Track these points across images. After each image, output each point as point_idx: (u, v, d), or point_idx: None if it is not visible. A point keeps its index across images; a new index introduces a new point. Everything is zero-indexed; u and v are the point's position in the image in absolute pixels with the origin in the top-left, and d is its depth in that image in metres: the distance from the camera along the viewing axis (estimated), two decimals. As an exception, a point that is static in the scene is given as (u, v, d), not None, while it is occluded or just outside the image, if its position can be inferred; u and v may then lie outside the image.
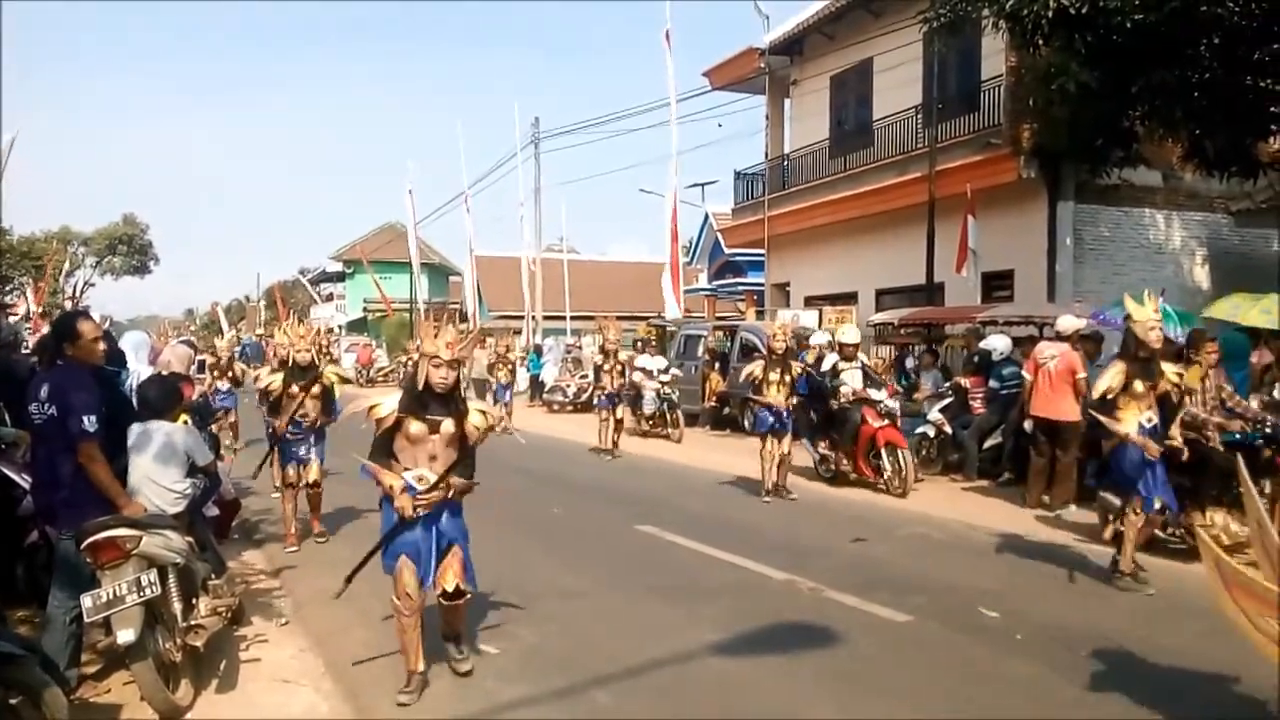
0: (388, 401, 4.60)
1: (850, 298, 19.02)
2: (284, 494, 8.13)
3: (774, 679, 4.99)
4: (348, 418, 5.43)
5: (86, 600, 4.17)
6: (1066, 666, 5.06)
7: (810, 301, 20.51)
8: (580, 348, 27.92)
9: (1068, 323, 9.75)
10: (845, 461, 10.77)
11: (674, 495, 10.73)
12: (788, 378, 10.14)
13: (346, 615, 6.08)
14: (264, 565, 7.46)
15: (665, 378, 16.29)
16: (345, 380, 9.05)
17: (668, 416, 16.23)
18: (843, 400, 10.46)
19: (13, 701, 3.58)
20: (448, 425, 4.57)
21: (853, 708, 4.57)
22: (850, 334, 10.83)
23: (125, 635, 4.16)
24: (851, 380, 10.53)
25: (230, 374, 13.92)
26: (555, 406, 22.76)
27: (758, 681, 4.95)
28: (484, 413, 4.80)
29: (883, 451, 10.30)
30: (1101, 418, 6.42)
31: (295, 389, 8.05)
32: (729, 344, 18.33)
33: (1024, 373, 9.71)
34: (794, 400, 10.15)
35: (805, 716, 4.52)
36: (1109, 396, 6.42)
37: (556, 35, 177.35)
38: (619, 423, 14.14)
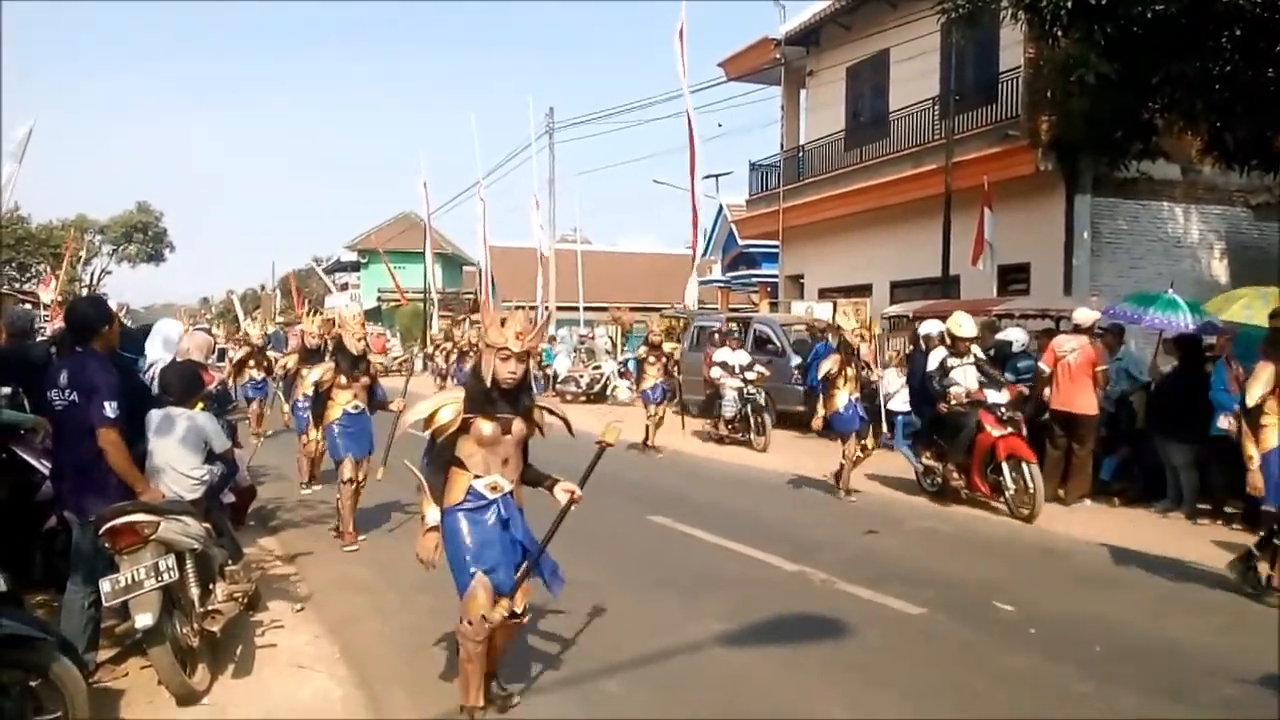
0: (449, 405, 4.03)
1: (865, 290, 18.96)
2: (342, 490, 7.72)
3: (784, 670, 4.99)
4: (404, 431, 4.75)
5: (105, 585, 4.21)
6: (1080, 661, 5.05)
7: (824, 294, 20.44)
8: (593, 338, 27.93)
9: (1085, 315, 9.69)
10: (957, 475, 9.24)
11: (689, 488, 10.74)
12: (859, 375, 9.72)
13: (361, 603, 6.14)
14: (280, 551, 7.52)
15: (751, 375, 14.14)
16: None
17: (751, 420, 14.05)
18: (954, 403, 9.02)
19: (32, 684, 3.62)
20: (519, 425, 4.08)
21: (863, 700, 4.57)
22: (966, 325, 9.23)
23: (143, 620, 4.20)
24: (964, 379, 9.06)
25: (264, 363, 13.84)
26: (569, 397, 22.80)
27: (767, 673, 4.95)
28: (548, 409, 4.31)
29: (1004, 466, 8.74)
30: (1247, 430, 6.14)
31: (345, 379, 7.75)
32: (742, 336, 18.28)
33: (1041, 365, 9.66)
34: (857, 396, 9.79)
35: (815, 708, 4.52)
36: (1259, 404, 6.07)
37: (567, 29, 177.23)
38: (656, 421, 13.60)
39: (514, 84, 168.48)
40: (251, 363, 13.82)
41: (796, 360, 15.78)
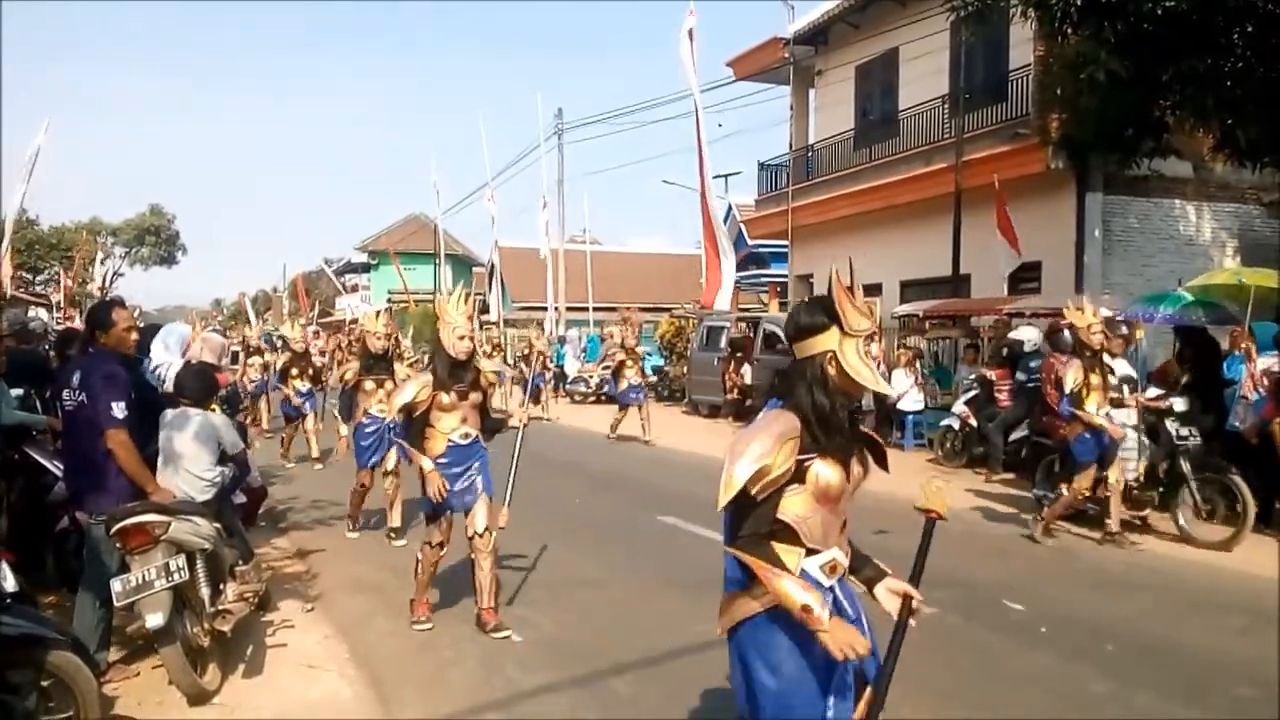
0: (762, 440, 2.55)
1: (874, 289, 18.88)
2: (424, 554, 5.51)
3: (796, 670, 4.97)
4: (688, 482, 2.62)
5: (116, 585, 4.23)
6: (1093, 661, 5.03)
7: (833, 293, 20.39)
8: (614, 337, 27.86)
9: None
10: None
11: (697, 487, 10.71)
12: (1110, 383, 7.45)
13: (371, 603, 6.15)
14: (290, 552, 7.53)
15: (1179, 404, 8.15)
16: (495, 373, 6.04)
17: (1190, 489, 7.75)
18: None
19: (44, 684, 3.65)
20: (857, 467, 2.76)
21: (875, 699, 4.55)
22: None
23: (154, 620, 4.22)
24: None
25: (309, 370, 11.90)
26: (578, 398, 22.82)
27: (779, 672, 4.93)
28: (873, 436, 2.89)
29: None
30: None
31: (448, 398, 5.32)
32: (752, 336, 18.27)
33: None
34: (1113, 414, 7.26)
35: (827, 708, 4.51)
36: None
37: (575, 29, 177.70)
38: None
39: (523, 84, 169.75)
40: (295, 371, 11.78)
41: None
